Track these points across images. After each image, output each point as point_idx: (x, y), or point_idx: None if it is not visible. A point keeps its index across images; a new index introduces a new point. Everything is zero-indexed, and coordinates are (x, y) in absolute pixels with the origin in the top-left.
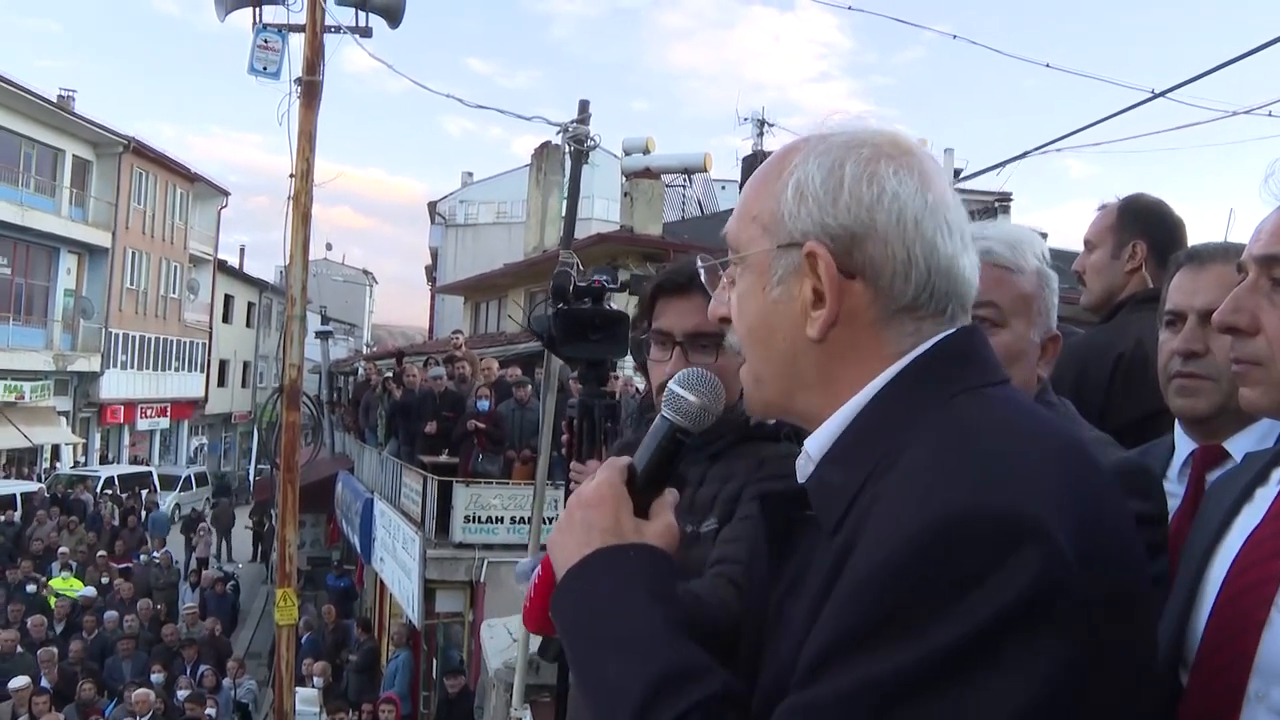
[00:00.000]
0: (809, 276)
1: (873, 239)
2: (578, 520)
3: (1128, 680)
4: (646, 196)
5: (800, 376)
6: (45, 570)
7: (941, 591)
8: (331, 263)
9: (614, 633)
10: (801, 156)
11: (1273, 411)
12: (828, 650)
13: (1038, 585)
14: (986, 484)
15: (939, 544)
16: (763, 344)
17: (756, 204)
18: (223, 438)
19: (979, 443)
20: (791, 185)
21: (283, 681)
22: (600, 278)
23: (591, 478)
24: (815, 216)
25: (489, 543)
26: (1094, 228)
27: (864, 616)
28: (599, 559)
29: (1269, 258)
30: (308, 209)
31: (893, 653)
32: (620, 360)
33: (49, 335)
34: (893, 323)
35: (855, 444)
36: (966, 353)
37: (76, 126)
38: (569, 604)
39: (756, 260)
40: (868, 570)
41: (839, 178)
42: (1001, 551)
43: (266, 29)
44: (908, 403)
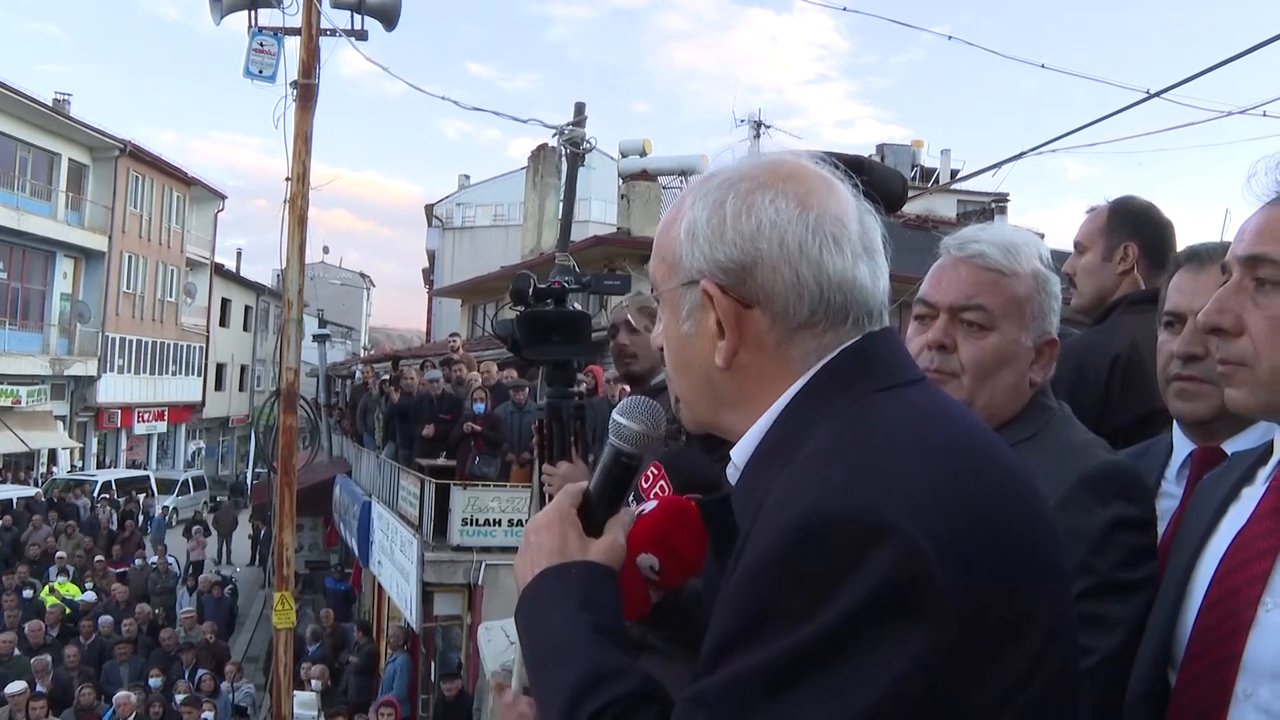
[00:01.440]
0: (711, 310)
1: (760, 267)
2: (531, 544)
3: (1022, 662)
4: (643, 199)
5: (720, 398)
6: (43, 575)
7: (803, 588)
8: (328, 266)
9: (549, 643)
10: (690, 199)
11: (1258, 412)
12: (715, 644)
13: (893, 579)
14: (846, 486)
15: (799, 544)
16: (683, 372)
17: (663, 246)
18: (220, 441)
19: (848, 449)
20: (684, 227)
21: (281, 685)
22: (562, 279)
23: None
24: (706, 254)
25: (487, 545)
26: (1084, 230)
27: (738, 613)
28: (544, 578)
29: (1252, 258)
30: (304, 212)
31: (762, 646)
32: (583, 360)
33: (45, 339)
34: (795, 341)
35: (765, 454)
36: (865, 360)
37: (73, 130)
38: (520, 622)
39: (669, 297)
40: (744, 569)
41: (721, 215)
42: (858, 549)
43: (262, 32)
44: (808, 411)
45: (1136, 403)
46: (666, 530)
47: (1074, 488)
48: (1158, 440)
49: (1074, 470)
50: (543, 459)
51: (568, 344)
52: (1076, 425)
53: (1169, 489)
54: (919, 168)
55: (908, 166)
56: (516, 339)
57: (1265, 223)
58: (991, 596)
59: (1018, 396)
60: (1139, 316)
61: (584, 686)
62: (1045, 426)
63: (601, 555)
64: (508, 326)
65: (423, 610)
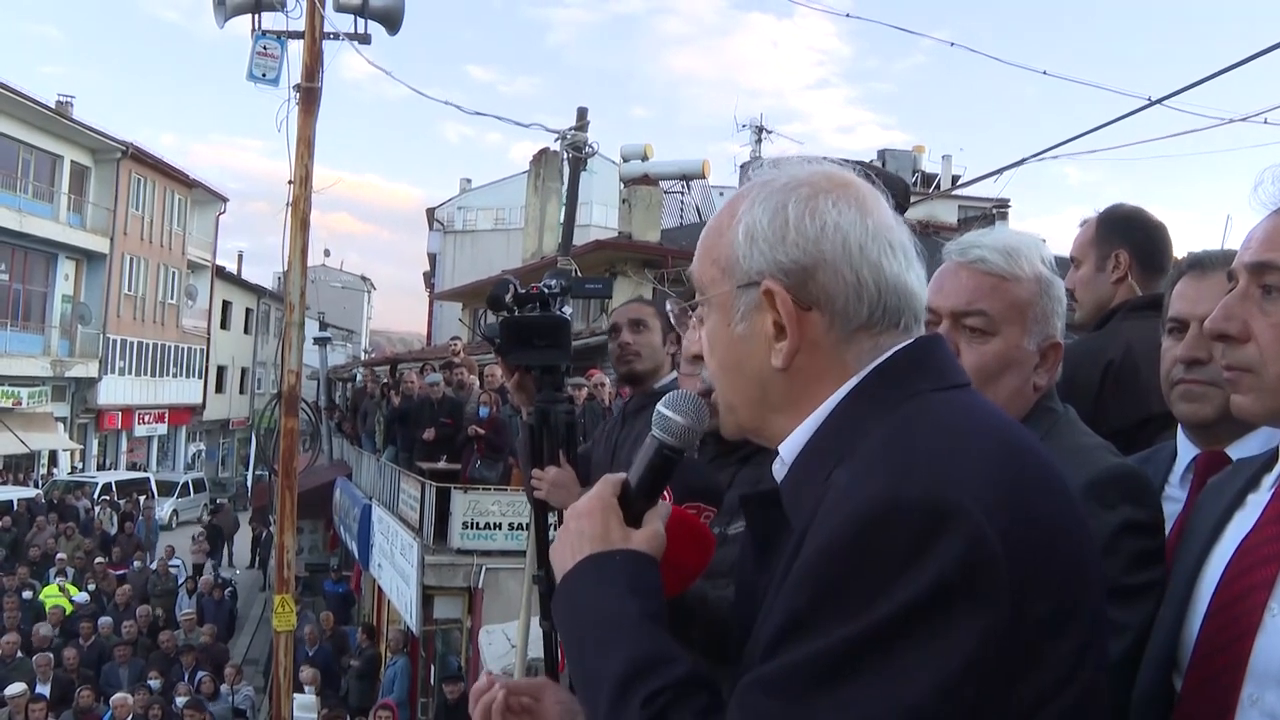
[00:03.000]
0: (769, 311)
1: (823, 269)
2: (572, 530)
3: (1061, 663)
4: (645, 203)
5: (769, 402)
6: (43, 577)
7: (871, 573)
8: (330, 269)
9: (594, 627)
10: (748, 203)
11: (1264, 418)
12: (779, 630)
13: (962, 565)
14: (911, 474)
15: (869, 529)
16: (732, 375)
17: (714, 248)
18: (220, 444)
19: (913, 439)
20: (741, 230)
21: (280, 688)
22: (545, 283)
23: (590, 492)
24: (767, 255)
25: (487, 549)
26: (1076, 243)
27: (804, 598)
28: (587, 564)
29: (1259, 265)
30: (306, 215)
31: (829, 630)
32: (572, 364)
33: (47, 341)
34: (853, 342)
35: (819, 448)
36: (918, 361)
37: (75, 133)
38: (561, 607)
39: (719, 300)
40: (810, 555)
41: (784, 218)
42: (927, 534)
43: (265, 36)
44: (862, 410)
45: (1130, 408)
46: (672, 539)
47: (1081, 491)
48: (1162, 446)
49: (1080, 474)
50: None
51: (550, 349)
52: (1082, 429)
53: (1173, 493)
54: (920, 173)
55: (909, 172)
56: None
57: (1272, 231)
58: (1042, 591)
59: (1022, 400)
60: (1138, 322)
61: (635, 672)
62: (1051, 430)
63: (644, 544)
64: (494, 330)
65: (423, 614)
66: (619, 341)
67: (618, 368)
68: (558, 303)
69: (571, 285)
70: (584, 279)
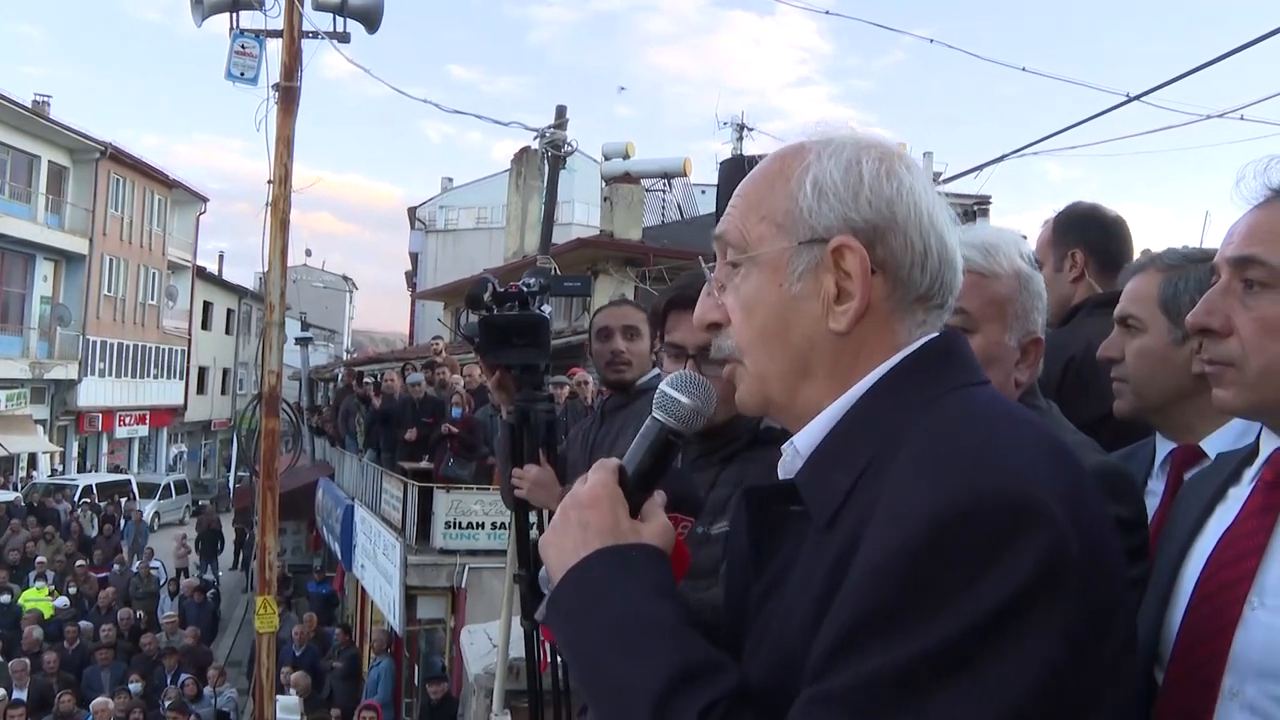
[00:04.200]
0: (830, 271)
1: (894, 232)
2: (574, 520)
3: (1111, 660)
4: (626, 201)
5: (809, 371)
6: (22, 580)
7: (956, 574)
8: (311, 269)
9: (621, 632)
10: (814, 155)
11: (1246, 412)
12: (846, 638)
13: (1047, 562)
14: (993, 469)
15: (954, 527)
16: (776, 341)
17: (764, 204)
18: (202, 445)
19: (978, 434)
20: (809, 183)
21: (263, 690)
22: (524, 282)
23: (583, 479)
24: (838, 212)
25: (470, 549)
26: (1038, 244)
27: (883, 601)
28: (599, 559)
29: (1241, 260)
30: (286, 215)
31: (911, 637)
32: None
33: (25, 343)
34: (907, 314)
35: (848, 440)
36: (951, 353)
37: (52, 132)
38: (569, 605)
39: (771, 258)
40: (884, 557)
41: (857, 174)
42: (1014, 531)
43: (243, 34)
44: (897, 402)
45: (1091, 404)
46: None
47: None
48: (1145, 443)
49: None
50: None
51: (529, 348)
52: (1067, 425)
53: (1155, 487)
54: None
55: None
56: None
57: (1253, 225)
58: (1100, 586)
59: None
60: (1100, 319)
61: (681, 682)
62: None
63: (657, 539)
64: (474, 329)
65: (406, 614)
66: (611, 348)
67: (607, 374)
68: (536, 301)
69: (550, 284)
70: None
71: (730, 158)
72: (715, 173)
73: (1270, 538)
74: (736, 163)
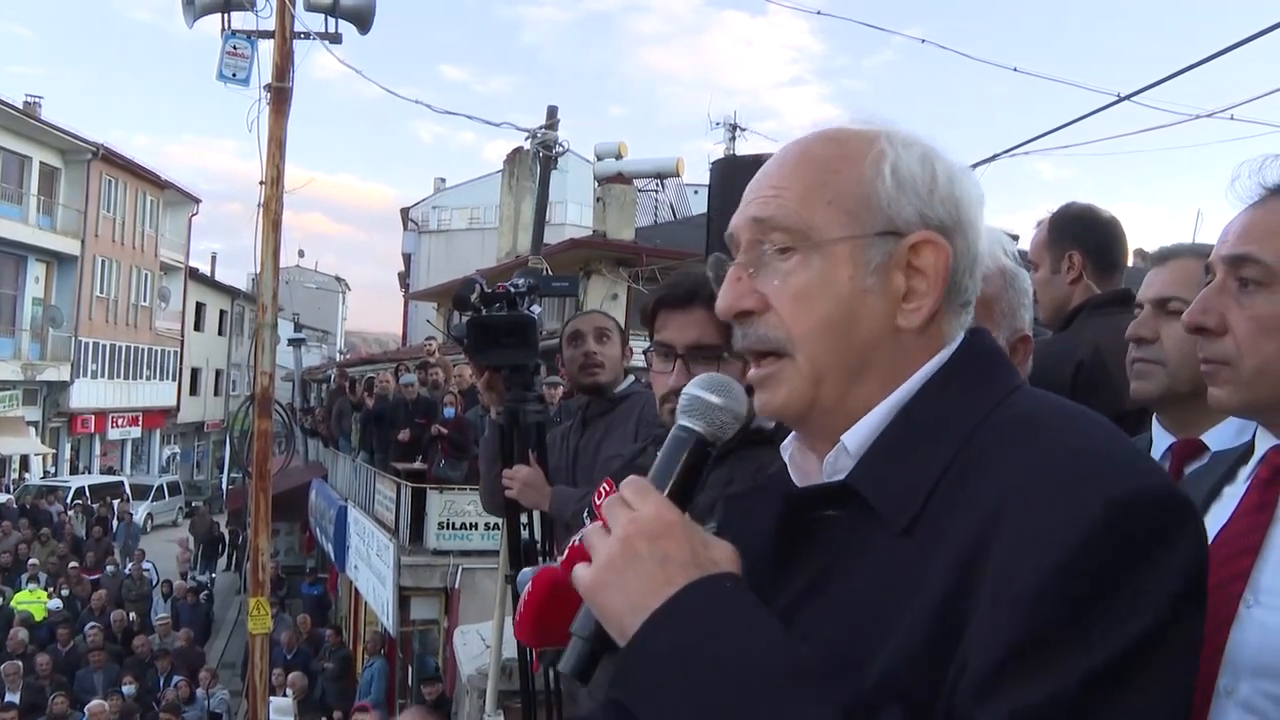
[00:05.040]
0: (900, 267)
1: (959, 234)
2: (645, 554)
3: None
4: (619, 201)
5: (866, 369)
6: (14, 582)
7: (1129, 576)
8: (304, 269)
9: (751, 679)
10: (885, 142)
11: (1240, 410)
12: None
13: (1199, 559)
14: (1136, 469)
15: (1116, 529)
16: (838, 336)
17: (831, 187)
18: (195, 447)
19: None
20: (889, 171)
21: (257, 691)
22: (512, 283)
23: (627, 506)
24: (915, 206)
25: (463, 549)
26: (1032, 246)
27: (1045, 625)
28: (695, 596)
29: (1236, 258)
30: (278, 216)
31: (1084, 658)
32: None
33: (17, 344)
34: (956, 315)
35: (912, 439)
36: (995, 350)
37: (43, 133)
38: (666, 654)
39: (840, 247)
40: (1037, 577)
41: (931, 170)
42: (1172, 529)
43: (235, 35)
44: (962, 399)
45: (1102, 406)
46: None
47: None
48: (1140, 438)
49: None
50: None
51: (518, 348)
52: None
53: None
54: None
55: None
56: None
57: (1248, 224)
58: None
59: None
60: (1102, 320)
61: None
62: None
63: (733, 563)
64: (463, 329)
65: (400, 615)
66: (584, 350)
67: (581, 377)
68: (525, 301)
69: (539, 284)
70: (551, 277)
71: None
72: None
73: (1265, 536)
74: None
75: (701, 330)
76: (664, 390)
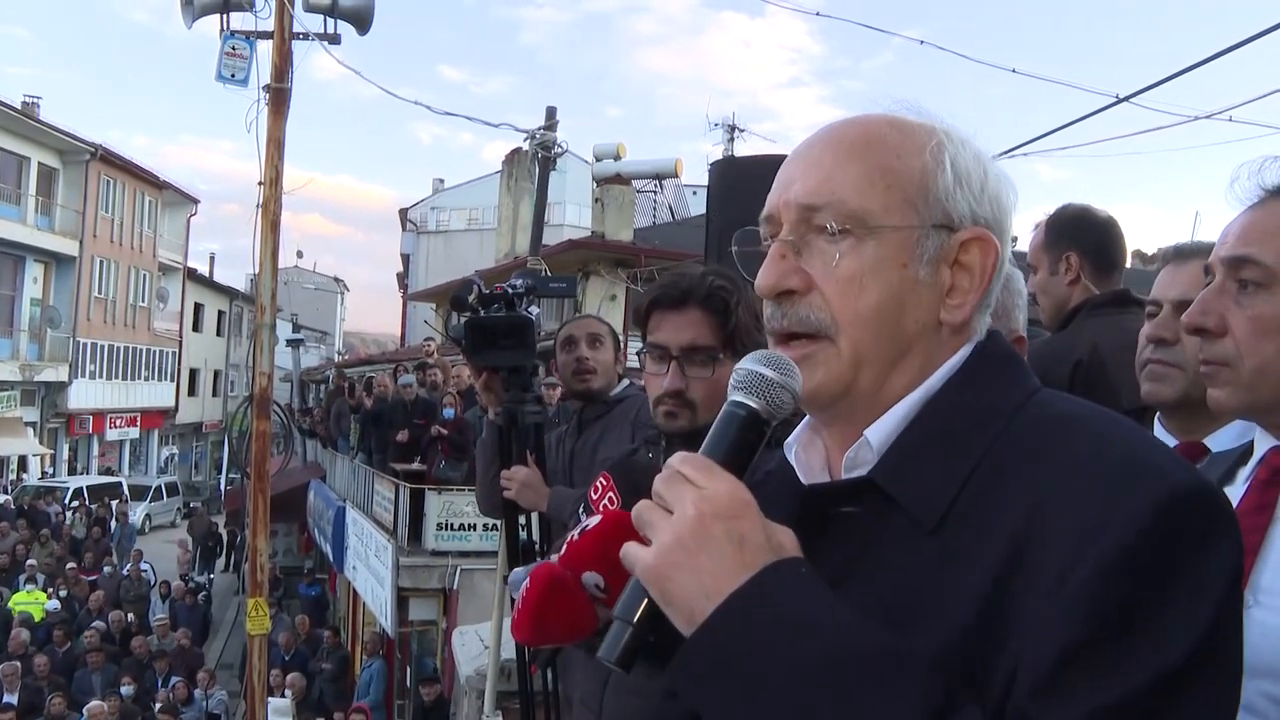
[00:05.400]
0: (946, 262)
1: (999, 234)
2: (720, 535)
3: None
4: (618, 202)
5: (903, 360)
6: (12, 583)
7: (1184, 573)
8: (302, 270)
9: (844, 668)
10: (944, 135)
11: (1240, 411)
12: (1063, 668)
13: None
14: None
15: (1168, 527)
16: (890, 323)
17: (890, 173)
18: (194, 447)
19: (1125, 433)
20: (949, 163)
21: (255, 692)
22: (510, 284)
23: (690, 483)
24: (969, 203)
25: (462, 550)
26: (1030, 250)
27: (1117, 611)
28: (776, 579)
29: (1235, 260)
30: (277, 216)
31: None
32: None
33: (15, 345)
34: (980, 315)
35: (938, 437)
36: (1015, 352)
37: (42, 134)
38: (754, 637)
39: (897, 235)
40: (1103, 565)
41: (983, 169)
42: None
43: (234, 36)
44: (987, 398)
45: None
46: (611, 547)
47: None
48: None
49: None
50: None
51: (516, 349)
52: None
53: None
54: None
55: None
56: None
57: (1247, 225)
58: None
59: None
60: (1101, 320)
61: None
62: None
63: (797, 550)
64: (462, 330)
65: (398, 615)
66: (576, 355)
67: (573, 383)
68: (523, 302)
69: (537, 285)
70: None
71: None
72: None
73: (1264, 537)
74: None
75: (696, 332)
76: (658, 392)
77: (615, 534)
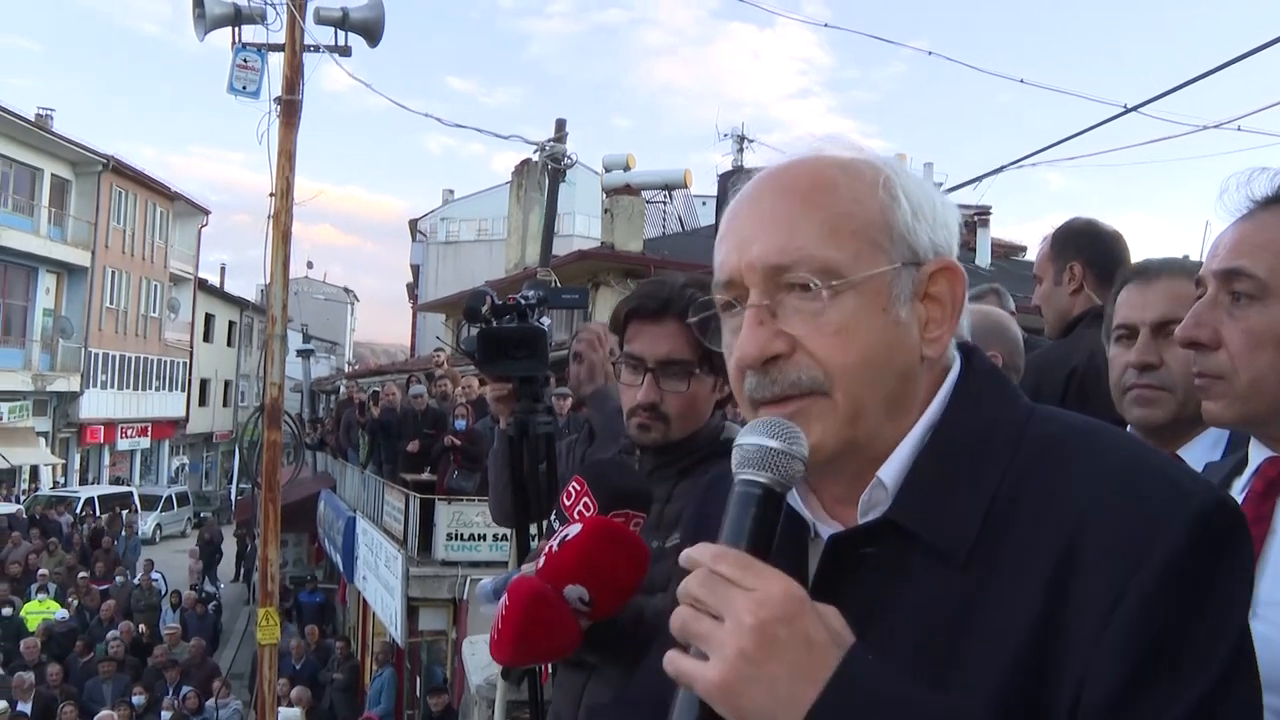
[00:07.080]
0: (919, 299)
1: (952, 258)
2: (786, 640)
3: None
4: (627, 213)
5: (900, 402)
6: (24, 593)
7: (1217, 589)
8: (313, 281)
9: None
10: (890, 170)
11: (1236, 423)
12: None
13: (1252, 559)
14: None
15: (1199, 546)
16: (879, 371)
17: (853, 218)
18: (204, 457)
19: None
20: (903, 198)
21: (265, 702)
22: (522, 295)
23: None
24: (927, 234)
25: (472, 560)
26: (1037, 261)
27: (1165, 638)
28: (852, 677)
29: (1228, 272)
30: (288, 227)
31: (1212, 659)
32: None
33: (27, 355)
34: (953, 339)
35: (951, 467)
36: (997, 368)
37: (55, 145)
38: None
39: (873, 281)
40: (1146, 593)
41: (930, 196)
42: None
43: (246, 48)
44: (988, 421)
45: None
46: (595, 557)
47: None
48: None
49: None
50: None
51: (528, 360)
52: None
53: None
54: None
55: None
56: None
57: (1239, 237)
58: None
59: None
60: (1099, 330)
61: None
62: None
63: (844, 624)
64: (473, 343)
65: (408, 625)
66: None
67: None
68: (535, 313)
69: (548, 296)
70: (560, 290)
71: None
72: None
73: (1261, 549)
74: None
75: (673, 344)
76: (631, 404)
77: (598, 543)
